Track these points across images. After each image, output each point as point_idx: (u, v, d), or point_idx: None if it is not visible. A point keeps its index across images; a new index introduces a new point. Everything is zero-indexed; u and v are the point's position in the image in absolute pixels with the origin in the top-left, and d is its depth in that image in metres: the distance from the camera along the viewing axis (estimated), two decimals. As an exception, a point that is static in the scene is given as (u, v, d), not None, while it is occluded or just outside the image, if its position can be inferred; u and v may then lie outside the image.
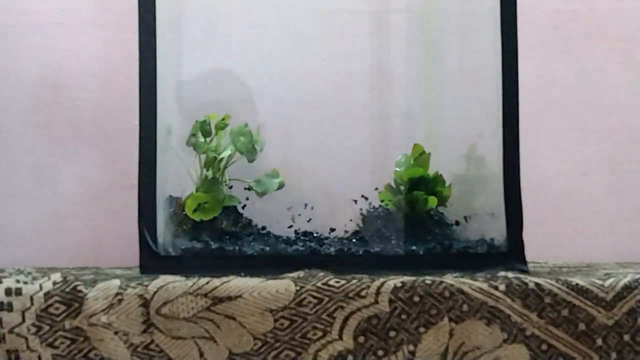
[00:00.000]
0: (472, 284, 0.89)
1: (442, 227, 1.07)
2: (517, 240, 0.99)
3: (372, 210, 1.08)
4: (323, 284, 0.88)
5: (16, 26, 1.20)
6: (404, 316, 0.88)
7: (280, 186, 1.08)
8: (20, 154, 1.20)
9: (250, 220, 1.08)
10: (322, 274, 0.90)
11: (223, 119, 1.07)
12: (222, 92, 1.12)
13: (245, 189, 1.08)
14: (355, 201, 1.09)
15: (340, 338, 0.87)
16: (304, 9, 1.13)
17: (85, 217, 1.20)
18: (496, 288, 0.89)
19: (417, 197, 1.04)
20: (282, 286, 0.88)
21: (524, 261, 0.99)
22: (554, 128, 1.24)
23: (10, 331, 0.85)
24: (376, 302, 0.88)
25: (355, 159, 1.14)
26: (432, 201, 1.05)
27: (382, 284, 0.88)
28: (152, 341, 0.86)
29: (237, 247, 1.00)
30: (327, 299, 0.88)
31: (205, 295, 0.87)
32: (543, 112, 1.23)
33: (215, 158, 1.06)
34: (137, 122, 0.98)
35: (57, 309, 0.86)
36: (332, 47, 1.14)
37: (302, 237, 1.07)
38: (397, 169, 1.08)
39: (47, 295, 0.86)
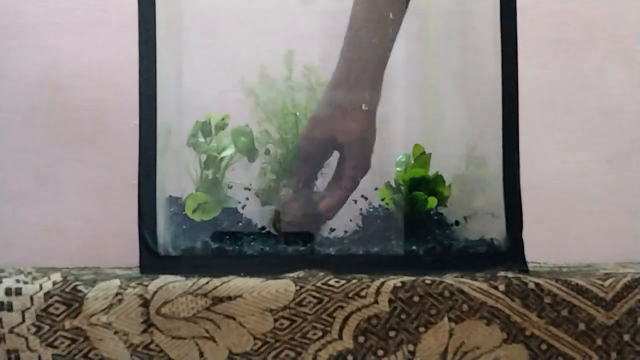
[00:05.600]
0: (472, 284, 0.89)
1: (442, 227, 1.07)
2: (517, 240, 0.99)
3: (372, 210, 1.08)
4: (323, 284, 0.88)
5: (16, 26, 1.21)
6: (403, 316, 0.88)
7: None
8: (20, 154, 1.20)
9: (250, 220, 1.08)
10: (322, 274, 0.90)
11: (223, 119, 1.07)
12: (222, 91, 1.12)
13: (245, 188, 1.08)
14: (355, 201, 1.09)
15: (340, 338, 0.87)
16: (304, 9, 1.13)
17: (85, 217, 1.20)
18: (496, 288, 0.89)
19: (418, 198, 1.04)
20: (282, 286, 0.88)
21: (524, 261, 0.99)
22: (553, 128, 1.24)
23: (10, 331, 0.86)
24: (376, 302, 0.88)
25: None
26: (432, 201, 1.05)
27: (382, 284, 0.88)
28: (152, 341, 0.86)
29: (237, 247, 1.00)
30: (327, 299, 0.88)
31: (205, 295, 0.87)
32: (543, 112, 1.23)
33: (216, 158, 1.06)
34: (137, 122, 0.98)
35: (57, 309, 0.86)
36: (332, 47, 1.14)
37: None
38: (398, 168, 1.08)
39: (47, 295, 0.86)
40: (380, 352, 0.88)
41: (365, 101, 1.04)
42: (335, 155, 1.06)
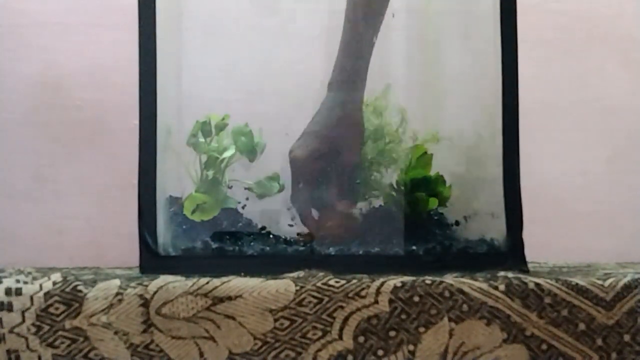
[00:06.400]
0: (472, 284, 0.89)
1: (442, 227, 1.07)
2: (517, 240, 0.99)
3: (372, 210, 1.08)
4: (323, 284, 0.88)
5: (16, 26, 1.21)
6: (403, 316, 0.88)
7: (281, 189, 1.08)
8: (20, 154, 1.20)
9: (250, 220, 1.08)
10: (322, 274, 0.90)
11: (223, 119, 1.07)
12: (222, 91, 1.12)
13: (245, 188, 1.08)
14: (355, 201, 1.09)
15: (340, 338, 0.87)
16: (304, 9, 1.13)
17: (85, 217, 1.20)
18: (496, 288, 0.89)
19: (419, 199, 1.04)
20: (282, 286, 0.88)
21: (524, 261, 0.99)
22: (553, 128, 1.25)
23: (10, 331, 0.86)
24: (376, 302, 0.88)
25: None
26: (433, 202, 1.05)
27: (382, 284, 0.88)
28: (152, 341, 0.86)
29: (237, 247, 1.00)
30: (327, 299, 0.88)
31: (205, 295, 0.87)
32: (543, 112, 1.23)
33: (217, 158, 1.06)
34: (137, 122, 0.98)
35: (57, 309, 0.86)
36: (332, 47, 1.14)
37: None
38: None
39: (47, 295, 0.86)
40: (380, 352, 0.88)
41: (362, 100, 1.05)
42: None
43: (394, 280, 0.89)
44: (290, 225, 1.09)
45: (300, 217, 1.06)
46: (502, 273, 0.94)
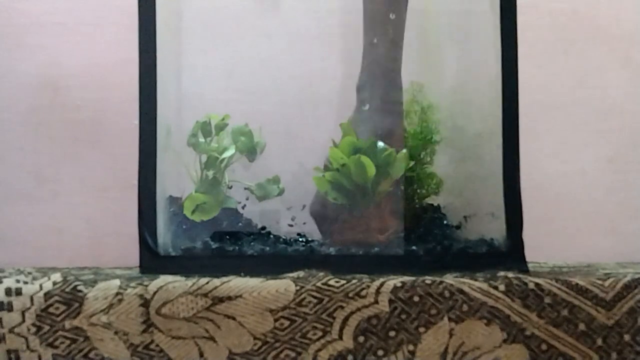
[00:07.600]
0: (472, 284, 0.89)
1: (442, 227, 1.07)
2: (517, 240, 0.99)
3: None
4: (323, 284, 0.88)
5: (16, 26, 1.21)
6: (403, 316, 0.88)
7: (280, 192, 1.08)
8: (20, 154, 1.20)
9: (250, 220, 1.08)
10: (322, 274, 0.90)
11: (223, 119, 1.07)
12: (222, 91, 1.12)
13: (245, 189, 1.08)
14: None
15: (340, 338, 0.87)
16: (304, 9, 1.13)
17: (85, 217, 1.20)
18: (496, 288, 0.89)
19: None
20: (282, 286, 0.88)
21: (524, 261, 0.99)
22: (554, 128, 1.24)
23: (11, 331, 0.86)
24: (376, 302, 0.88)
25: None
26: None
27: (382, 284, 0.88)
28: (152, 341, 0.86)
29: (237, 247, 1.00)
30: (327, 299, 0.88)
31: (205, 295, 0.87)
32: (543, 112, 1.23)
33: (217, 158, 1.06)
34: (137, 122, 0.98)
35: (57, 309, 0.86)
36: (332, 47, 1.14)
37: (301, 237, 1.07)
38: None
39: (47, 295, 0.86)
40: (380, 352, 0.88)
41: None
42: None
43: (394, 280, 0.89)
44: (290, 225, 1.09)
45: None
46: (502, 273, 0.94)
